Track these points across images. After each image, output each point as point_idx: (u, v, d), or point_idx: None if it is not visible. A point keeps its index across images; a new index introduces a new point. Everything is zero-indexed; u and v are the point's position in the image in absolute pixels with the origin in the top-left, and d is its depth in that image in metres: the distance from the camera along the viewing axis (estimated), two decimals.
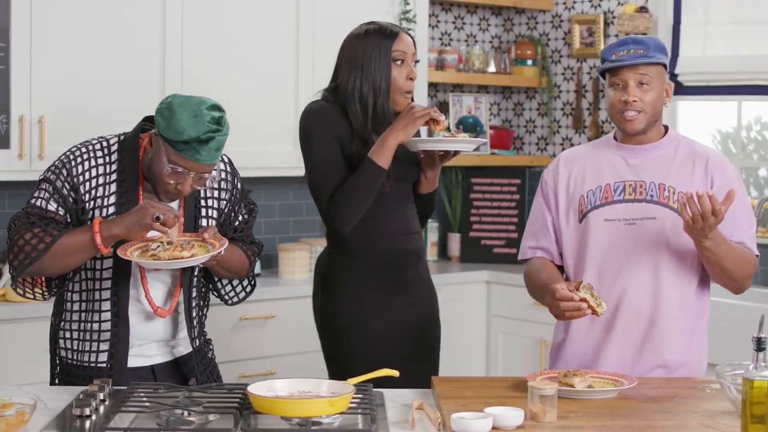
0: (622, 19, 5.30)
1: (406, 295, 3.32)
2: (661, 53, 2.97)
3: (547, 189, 3.12)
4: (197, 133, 2.71)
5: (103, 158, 2.86)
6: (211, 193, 2.98)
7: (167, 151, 2.75)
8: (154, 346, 2.95)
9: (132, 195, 2.85)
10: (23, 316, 4.01)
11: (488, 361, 5.27)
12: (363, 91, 3.22)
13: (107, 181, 2.84)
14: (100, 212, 2.83)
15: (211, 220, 2.98)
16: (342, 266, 3.31)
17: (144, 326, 2.91)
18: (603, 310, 2.78)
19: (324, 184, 3.21)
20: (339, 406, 2.39)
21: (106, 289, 2.87)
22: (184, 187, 2.78)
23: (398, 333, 3.29)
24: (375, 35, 3.26)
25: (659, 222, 2.95)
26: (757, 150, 5.21)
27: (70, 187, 2.82)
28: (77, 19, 4.23)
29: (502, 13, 5.98)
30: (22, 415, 2.31)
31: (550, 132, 5.76)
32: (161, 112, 2.76)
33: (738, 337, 3.66)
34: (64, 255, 2.75)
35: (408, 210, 3.35)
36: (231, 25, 4.60)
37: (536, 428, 2.40)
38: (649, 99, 2.96)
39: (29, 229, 2.77)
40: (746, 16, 5.06)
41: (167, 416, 2.42)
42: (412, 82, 3.27)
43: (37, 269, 2.78)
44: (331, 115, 3.23)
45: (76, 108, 4.22)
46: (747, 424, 2.31)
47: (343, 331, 3.29)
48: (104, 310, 2.87)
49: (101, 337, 2.87)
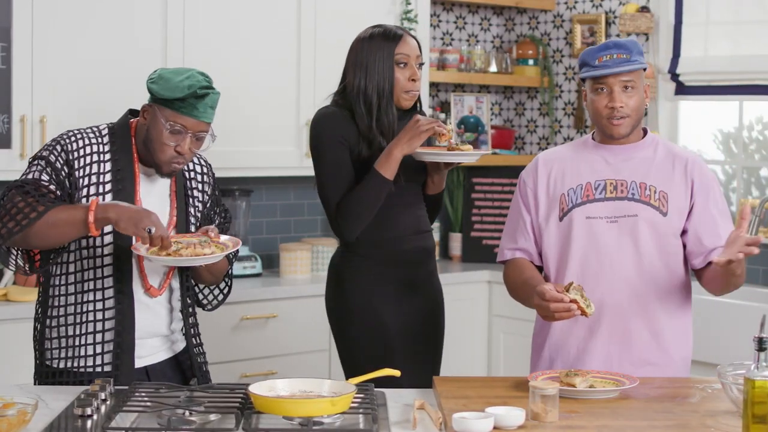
0: (623, 18, 5.30)
1: (416, 293, 3.39)
2: (641, 56, 2.97)
3: (526, 189, 3.12)
4: (192, 85, 2.78)
5: (95, 139, 2.89)
6: (197, 185, 3.02)
7: (164, 114, 2.80)
8: (156, 342, 2.94)
9: (128, 172, 2.87)
10: (24, 316, 4.00)
11: (490, 361, 5.27)
12: (367, 93, 3.30)
13: (101, 160, 2.86)
14: (96, 189, 2.84)
15: (196, 217, 3.00)
16: (354, 265, 3.38)
17: (143, 318, 2.89)
18: (592, 311, 2.79)
19: (332, 192, 3.29)
20: (340, 406, 2.39)
21: (108, 288, 2.86)
22: (183, 147, 2.81)
23: (408, 330, 3.35)
24: (379, 38, 3.33)
25: (641, 219, 2.95)
26: (759, 150, 5.20)
27: (64, 161, 2.83)
28: (79, 19, 4.23)
29: (503, 13, 5.98)
30: (24, 415, 2.31)
31: (552, 132, 5.76)
32: (154, 81, 2.83)
33: (739, 337, 3.66)
34: (54, 225, 2.71)
35: (418, 210, 3.43)
36: (232, 25, 4.60)
37: (537, 428, 2.40)
38: (634, 104, 2.96)
39: (23, 198, 2.75)
40: (748, 15, 5.06)
41: (169, 416, 2.42)
42: (414, 83, 3.34)
43: (23, 238, 2.74)
44: (340, 120, 3.31)
45: (78, 108, 4.22)
46: (748, 424, 2.31)
47: (354, 329, 3.35)
48: (108, 308, 2.85)
49: (105, 338, 2.85)
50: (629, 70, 2.93)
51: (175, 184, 2.98)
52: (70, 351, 2.86)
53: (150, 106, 2.85)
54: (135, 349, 2.87)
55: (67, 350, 2.87)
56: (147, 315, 2.91)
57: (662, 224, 2.93)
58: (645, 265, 2.95)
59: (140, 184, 2.90)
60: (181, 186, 2.99)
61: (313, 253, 4.93)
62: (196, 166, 3.05)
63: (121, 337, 2.85)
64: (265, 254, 5.04)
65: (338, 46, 4.89)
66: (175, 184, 2.98)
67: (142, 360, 2.92)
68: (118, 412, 2.44)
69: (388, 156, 3.22)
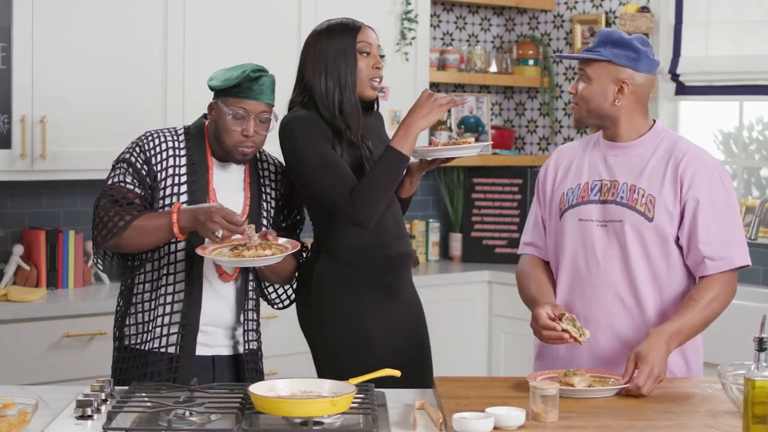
0: (623, 19, 5.30)
1: (399, 298, 3.25)
2: (611, 49, 2.90)
3: (539, 183, 3.12)
4: (245, 71, 2.99)
5: (171, 137, 3.08)
6: (270, 182, 3.17)
7: (226, 103, 3.00)
8: (220, 334, 3.07)
9: (202, 165, 3.06)
10: (24, 316, 4.01)
11: (490, 361, 5.27)
12: (328, 87, 3.15)
13: (177, 155, 3.06)
14: (172, 180, 3.03)
15: (269, 212, 3.15)
16: (336, 272, 3.19)
17: (212, 307, 3.04)
18: (585, 338, 2.79)
19: (340, 182, 3.07)
20: (341, 406, 2.39)
21: (180, 271, 3.03)
22: (249, 129, 2.98)
23: (395, 336, 3.21)
24: (338, 30, 3.21)
25: (627, 225, 2.90)
26: (759, 150, 5.21)
27: (143, 160, 3.03)
28: (79, 19, 4.23)
29: (503, 13, 5.98)
30: (24, 415, 2.31)
31: (552, 132, 5.76)
32: (212, 79, 3.04)
33: (739, 337, 3.66)
34: (141, 234, 2.95)
35: (398, 213, 3.29)
36: (233, 26, 4.60)
37: (538, 428, 2.40)
38: (584, 93, 2.93)
39: (113, 206, 2.99)
40: (748, 15, 5.06)
41: (169, 416, 2.42)
42: (378, 71, 3.21)
43: (116, 243, 2.97)
44: (310, 120, 3.14)
45: (78, 108, 4.23)
46: (749, 424, 2.31)
47: (338, 337, 3.19)
48: (177, 291, 3.02)
49: (172, 320, 3.01)
50: (575, 57, 2.96)
51: (248, 176, 3.13)
52: (145, 335, 3.04)
53: (214, 102, 3.04)
54: (199, 334, 3.03)
55: (143, 334, 3.05)
56: (215, 302, 3.06)
57: (648, 230, 2.87)
58: (635, 272, 2.89)
59: (213, 174, 3.08)
60: (255, 179, 3.14)
61: None
62: (270, 165, 3.21)
63: (187, 320, 3.01)
64: None
65: None
66: (248, 176, 3.13)
67: (210, 349, 3.07)
68: (119, 412, 2.44)
69: (406, 132, 3.07)
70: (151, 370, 3.01)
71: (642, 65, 2.92)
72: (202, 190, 3.04)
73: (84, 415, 2.45)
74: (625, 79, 2.91)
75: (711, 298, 2.84)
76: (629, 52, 2.90)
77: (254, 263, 2.91)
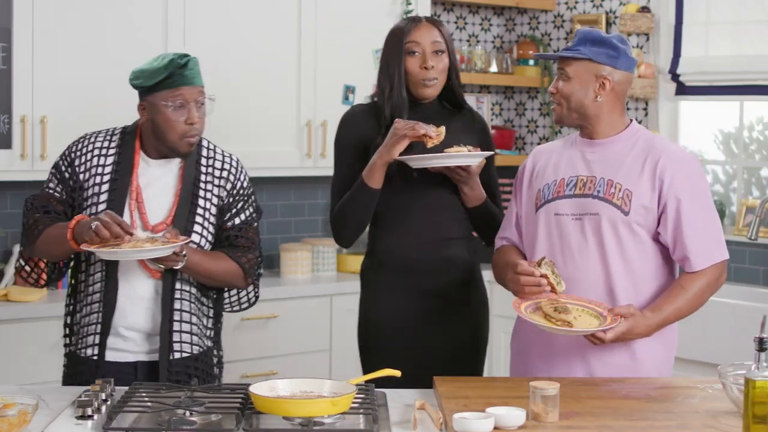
0: (623, 19, 5.30)
1: (425, 302, 3.28)
2: (590, 46, 2.92)
3: (517, 181, 3.15)
4: (171, 60, 2.89)
5: (105, 137, 3.02)
6: (213, 179, 3.01)
7: (162, 98, 2.90)
8: (140, 339, 2.94)
9: (127, 164, 2.96)
10: (24, 316, 4.01)
11: (490, 361, 5.26)
12: (383, 86, 3.27)
13: (105, 154, 2.98)
14: (95, 180, 2.95)
15: (208, 211, 2.99)
16: (373, 269, 3.36)
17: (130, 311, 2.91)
18: (562, 288, 2.81)
19: (333, 199, 3.31)
20: (341, 406, 2.39)
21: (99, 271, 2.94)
22: (192, 116, 2.89)
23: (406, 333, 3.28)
24: (393, 30, 3.31)
25: (603, 218, 2.91)
26: (759, 150, 5.21)
27: (68, 164, 2.98)
28: (79, 19, 4.23)
29: (503, 13, 5.98)
30: (24, 415, 2.31)
31: (552, 132, 5.76)
32: (135, 78, 2.95)
33: (739, 337, 3.66)
34: (48, 243, 2.91)
35: (444, 218, 3.29)
36: (233, 26, 4.60)
37: (538, 428, 2.40)
38: (565, 90, 2.96)
39: (32, 213, 2.97)
40: (748, 16, 5.06)
41: (169, 416, 2.42)
42: (427, 71, 3.24)
43: (32, 252, 2.98)
44: (359, 118, 3.31)
45: (78, 108, 4.23)
46: (749, 424, 2.31)
47: (366, 331, 3.35)
48: (96, 292, 2.93)
49: (94, 323, 2.93)
50: (556, 56, 2.97)
51: (182, 178, 2.98)
52: (78, 340, 2.98)
53: (144, 102, 2.95)
54: (118, 339, 2.92)
55: (75, 337, 2.99)
56: (133, 306, 2.92)
57: (624, 223, 2.88)
58: (611, 264, 2.90)
59: (139, 174, 2.95)
60: (190, 180, 2.98)
61: (313, 254, 4.93)
62: (216, 162, 3.04)
63: (103, 324, 2.91)
64: (265, 254, 5.03)
65: (339, 46, 4.91)
66: (182, 178, 2.98)
67: (132, 355, 2.94)
68: (119, 412, 2.44)
69: (371, 165, 3.15)
70: (84, 377, 2.90)
71: (621, 63, 2.95)
72: (122, 189, 2.92)
73: (84, 415, 2.45)
74: (605, 76, 2.94)
75: (700, 288, 2.90)
76: (609, 50, 2.93)
77: (131, 255, 2.74)
